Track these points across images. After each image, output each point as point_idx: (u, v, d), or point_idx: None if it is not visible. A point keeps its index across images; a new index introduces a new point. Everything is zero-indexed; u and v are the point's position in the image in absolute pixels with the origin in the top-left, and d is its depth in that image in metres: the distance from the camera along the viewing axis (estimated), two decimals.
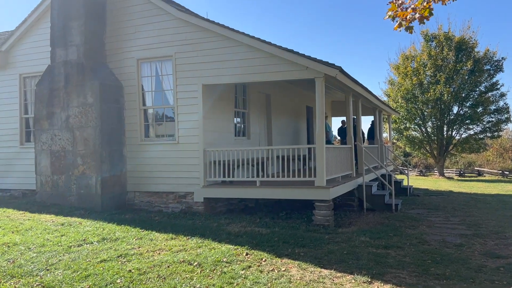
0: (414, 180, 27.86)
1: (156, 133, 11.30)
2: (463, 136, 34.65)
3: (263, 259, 6.69)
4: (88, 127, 10.69)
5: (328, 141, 15.11)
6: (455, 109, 33.58)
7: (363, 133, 16.58)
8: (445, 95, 31.48)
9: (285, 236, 8.14)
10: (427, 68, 32.68)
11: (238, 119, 12.70)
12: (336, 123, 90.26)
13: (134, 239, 7.83)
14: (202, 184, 10.46)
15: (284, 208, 11.81)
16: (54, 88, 11.12)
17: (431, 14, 4.03)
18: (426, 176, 35.34)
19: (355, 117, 14.04)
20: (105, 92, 10.76)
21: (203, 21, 10.33)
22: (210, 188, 10.44)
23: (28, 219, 9.40)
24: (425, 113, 33.48)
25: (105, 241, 7.68)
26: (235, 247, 7.29)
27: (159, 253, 6.98)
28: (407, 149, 37.87)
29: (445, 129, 33.89)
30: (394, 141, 38.85)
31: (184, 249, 7.22)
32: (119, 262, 6.47)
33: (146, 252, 7.06)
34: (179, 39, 10.68)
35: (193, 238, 7.97)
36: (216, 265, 6.36)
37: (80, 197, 10.79)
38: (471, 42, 32.38)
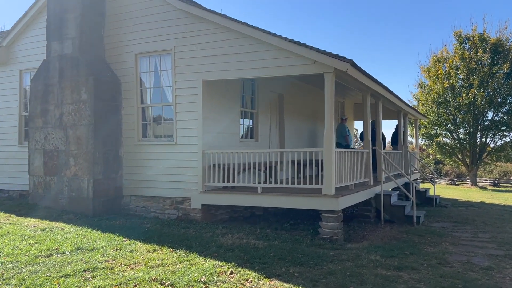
0: (443, 189, 26.24)
1: (155, 133, 10.49)
2: (498, 143, 32.75)
3: (249, 280, 5.71)
4: (81, 126, 9.98)
5: (347, 146, 14.01)
6: (490, 115, 31.72)
7: (384, 138, 15.39)
8: (479, 99, 29.68)
9: (282, 252, 7.13)
10: (459, 71, 30.96)
11: (246, 120, 11.76)
12: (360, 127, 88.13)
13: (112, 250, 6.99)
14: (200, 189, 9.56)
15: (294, 218, 10.82)
16: (48, 84, 10.48)
17: None
18: (458, 185, 33.51)
19: (374, 120, 12.90)
20: (100, 89, 10.04)
21: (203, 11, 9.47)
22: (208, 194, 9.54)
23: (10, 223, 8.72)
24: (457, 119, 31.71)
25: (79, 251, 6.87)
26: (221, 264, 6.34)
27: (133, 268, 6.10)
28: (438, 157, 36.08)
29: (478, 135, 32.03)
30: (424, 147, 37.11)
31: (163, 264, 6.32)
32: (83, 278, 5.63)
33: (119, 266, 6.19)
34: (179, 31, 9.85)
35: (177, 250, 7.06)
36: (191, 286, 5.42)
37: (72, 200, 10.08)
38: (508, 44, 30.52)
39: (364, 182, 10.90)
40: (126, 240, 7.64)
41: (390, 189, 13.04)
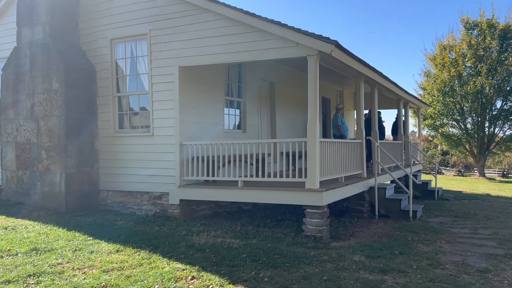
0: (449, 181, 25.44)
1: (132, 124, 9.86)
2: (507, 133, 31.68)
3: (210, 287, 5.07)
4: (53, 116, 9.38)
5: (342, 136, 13.30)
6: (499, 104, 30.66)
7: (383, 128, 14.64)
8: (487, 88, 28.65)
9: (258, 252, 6.48)
10: (467, 59, 29.90)
11: (232, 110, 11.08)
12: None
13: (70, 251, 6.39)
14: (178, 183, 8.93)
15: (284, 212, 10.20)
16: (19, 73, 9.88)
17: None
18: (465, 176, 32.59)
19: (368, 110, 12.15)
20: (73, 77, 9.41)
21: None
22: (187, 189, 8.90)
23: None
24: (465, 108, 30.70)
25: (34, 252, 6.28)
26: (184, 267, 5.70)
27: (85, 273, 5.49)
28: (444, 147, 35.13)
29: (486, 125, 31.01)
30: (430, 138, 36.19)
31: (120, 267, 5.70)
32: (24, 285, 5.03)
33: (71, 270, 5.59)
34: (155, 14, 9.17)
35: (141, 251, 6.45)
36: None
37: (44, 196, 9.50)
38: None
39: (357, 175, 10.20)
40: (90, 240, 7.05)
41: (389, 182, 12.36)
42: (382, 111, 17.08)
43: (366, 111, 16.22)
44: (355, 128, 23.66)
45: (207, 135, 9.68)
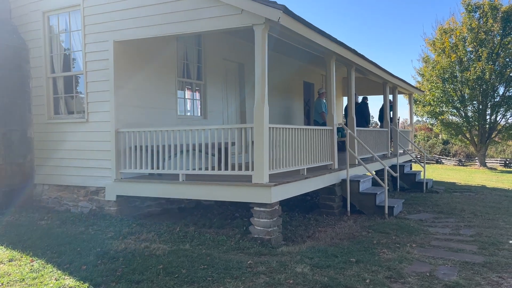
0: (446, 171, 24.18)
1: (68, 109, 8.68)
2: (509, 121, 30.18)
3: None
4: None
5: (325, 124, 12.11)
6: (501, 90, 29.13)
7: (366, 115, 13.40)
8: (487, 73, 27.16)
9: (182, 261, 5.33)
10: (467, 43, 28.37)
11: (190, 93, 9.88)
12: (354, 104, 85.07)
13: None
14: (115, 177, 7.77)
15: (248, 208, 9.00)
16: None
17: None
18: (465, 166, 31.24)
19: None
20: None
21: None
22: (125, 183, 7.74)
23: None
24: (465, 95, 29.23)
25: None
26: (74, 283, 4.56)
27: None
28: (443, 136, 33.76)
29: (488, 113, 29.55)
30: (429, 126, 34.84)
31: None
32: None
33: None
34: None
35: (39, 260, 5.32)
36: None
37: None
38: None
39: (327, 166, 9.01)
40: None
41: (374, 173, 11.13)
42: (369, 97, 15.88)
43: (360, 97, 15.00)
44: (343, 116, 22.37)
45: (156, 121, 8.50)
